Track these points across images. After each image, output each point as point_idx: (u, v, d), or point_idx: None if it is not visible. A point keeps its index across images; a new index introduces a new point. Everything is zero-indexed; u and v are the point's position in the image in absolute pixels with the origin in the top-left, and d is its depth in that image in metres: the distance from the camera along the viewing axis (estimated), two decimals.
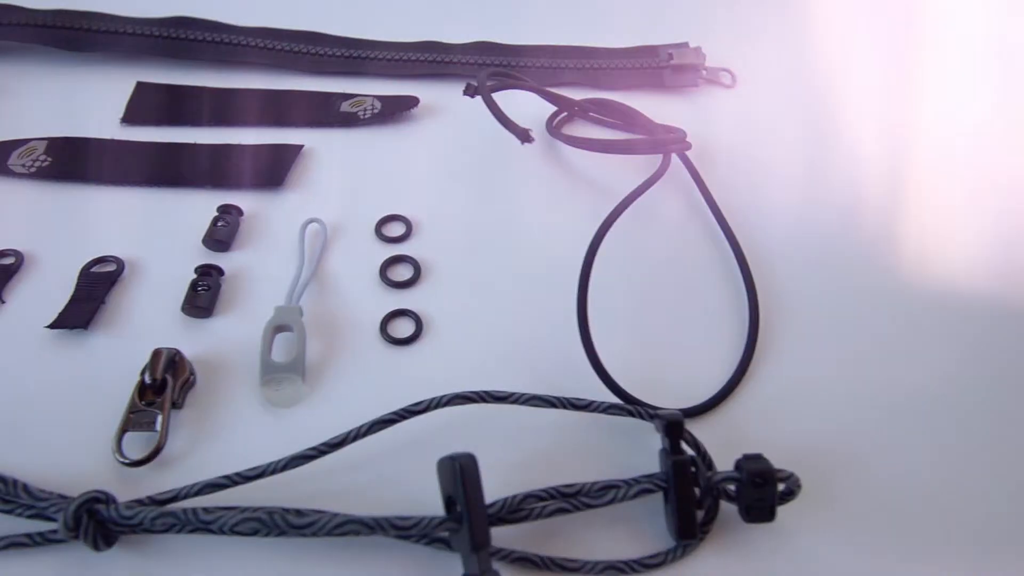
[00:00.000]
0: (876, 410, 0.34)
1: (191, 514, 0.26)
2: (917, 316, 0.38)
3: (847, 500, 0.31)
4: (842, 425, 0.33)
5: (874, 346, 0.36)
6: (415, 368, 0.35)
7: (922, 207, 0.44)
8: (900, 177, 0.46)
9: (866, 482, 0.31)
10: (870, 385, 0.34)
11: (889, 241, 0.41)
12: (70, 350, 0.34)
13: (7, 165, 0.42)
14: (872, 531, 0.30)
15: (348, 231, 0.41)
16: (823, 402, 0.34)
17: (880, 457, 0.32)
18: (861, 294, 0.39)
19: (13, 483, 0.27)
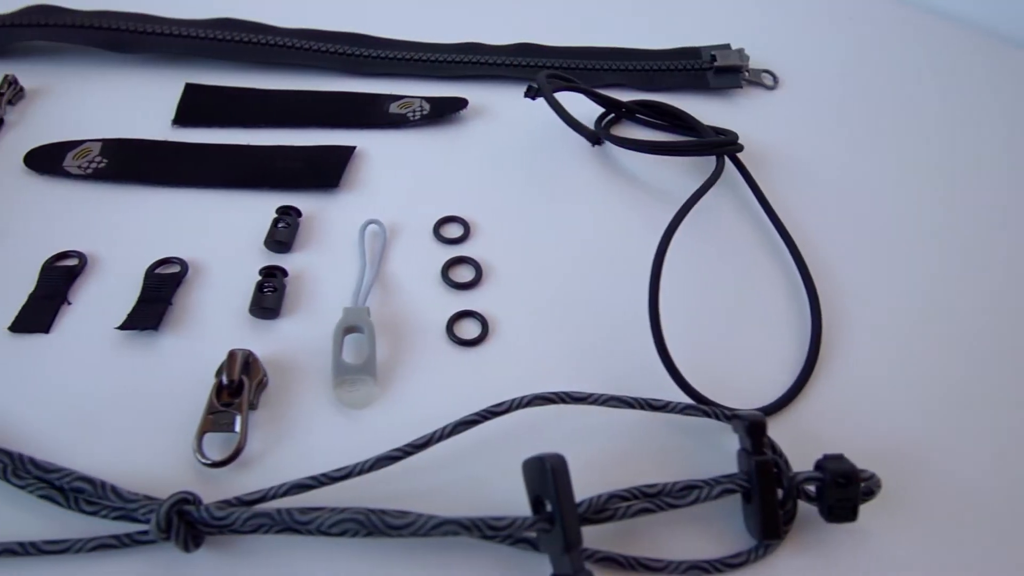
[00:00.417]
0: (946, 409, 0.34)
1: (286, 515, 0.26)
2: (987, 313, 0.38)
3: (921, 499, 0.31)
4: (911, 425, 0.33)
5: (943, 344, 0.36)
6: (482, 369, 0.35)
7: (981, 201, 0.44)
8: (954, 173, 0.46)
9: (939, 481, 0.31)
10: (939, 384, 0.35)
11: (952, 237, 0.42)
12: (140, 351, 0.34)
13: (63, 166, 0.42)
14: (947, 529, 0.30)
15: (405, 232, 0.41)
16: (890, 402, 0.34)
17: (952, 456, 0.32)
18: (924, 291, 0.39)
19: (101, 485, 0.27)
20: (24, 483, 0.28)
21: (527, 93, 0.42)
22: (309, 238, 0.40)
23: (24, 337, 0.35)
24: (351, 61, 0.52)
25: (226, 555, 0.28)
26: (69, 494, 0.28)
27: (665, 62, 0.53)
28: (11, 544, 0.27)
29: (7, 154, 0.44)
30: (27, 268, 0.37)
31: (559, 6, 0.59)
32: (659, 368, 0.33)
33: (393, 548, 0.28)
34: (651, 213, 0.42)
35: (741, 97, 0.52)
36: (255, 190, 0.42)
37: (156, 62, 0.51)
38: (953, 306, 0.38)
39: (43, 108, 0.47)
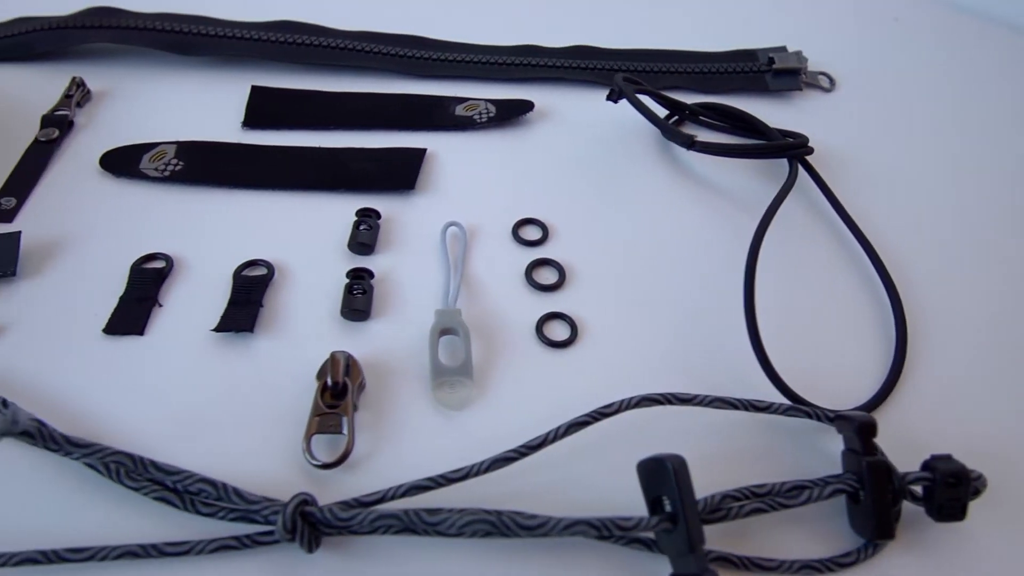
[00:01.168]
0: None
1: (413, 515, 0.26)
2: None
3: (1020, 497, 0.31)
4: (1001, 424, 0.34)
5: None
6: (573, 370, 0.35)
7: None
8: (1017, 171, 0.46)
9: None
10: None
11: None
12: (234, 352, 0.34)
13: (139, 168, 0.42)
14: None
15: (483, 234, 0.41)
16: (980, 401, 0.34)
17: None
18: (1006, 290, 0.39)
19: (223, 487, 0.27)
20: (138, 485, 0.28)
21: (609, 96, 0.42)
22: (387, 240, 0.40)
23: (119, 339, 0.35)
24: (410, 63, 0.52)
25: (344, 556, 0.28)
26: (185, 496, 0.28)
27: (722, 64, 0.53)
28: (132, 547, 0.27)
29: (81, 156, 0.44)
30: (113, 269, 0.37)
31: (606, 8, 0.60)
32: (746, 369, 0.34)
33: (506, 548, 0.29)
34: (723, 213, 0.43)
35: (799, 99, 0.52)
36: (330, 192, 0.42)
37: (216, 64, 0.51)
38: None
39: (110, 110, 0.47)
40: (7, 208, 0.40)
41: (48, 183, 0.42)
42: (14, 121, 0.45)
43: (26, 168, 0.42)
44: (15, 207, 0.40)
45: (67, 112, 0.45)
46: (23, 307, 0.36)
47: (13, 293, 0.36)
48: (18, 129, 0.45)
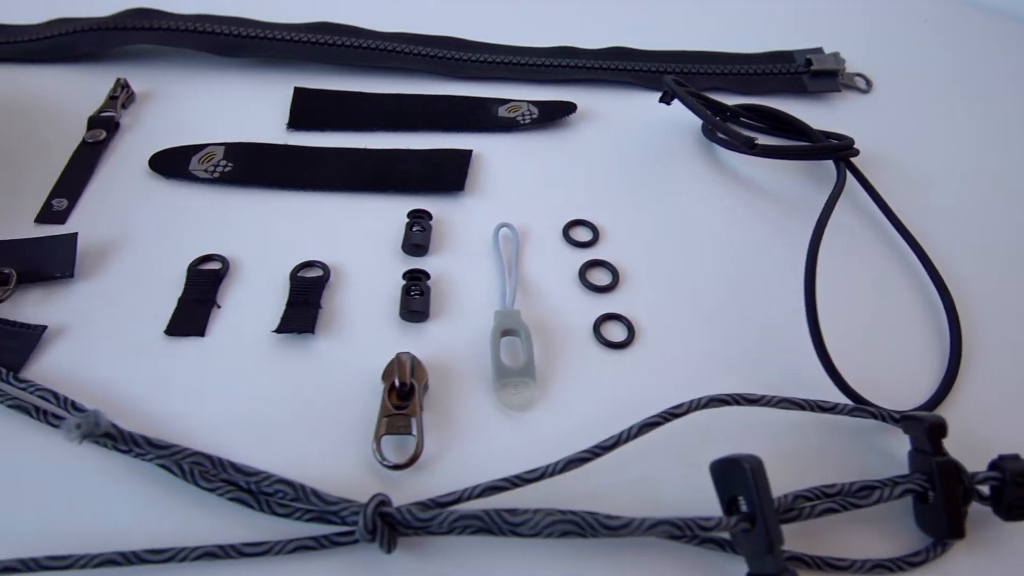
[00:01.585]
0: None
1: (496, 516, 0.26)
2: None
3: None
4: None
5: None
6: (632, 371, 0.35)
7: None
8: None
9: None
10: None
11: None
12: (294, 354, 0.35)
13: (189, 170, 0.42)
14: None
15: (534, 235, 0.41)
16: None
17: None
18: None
19: (301, 487, 0.27)
20: (212, 486, 0.28)
21: (663, 98, 0.42)
22: (437, 241, 0.40)
23: (180, 340, 0.35)
24: (448, 64, 0.52)
25: (419, 556, 0.28)
26: (260, 497, 0.28)
27: (758, 65, 0.53)
28: (211, 547, 0.27)
29: (128, 157, 0.44)
30: (168, 271, 0.38)
31: (638, 10, 0.60)
32: (801, 369, 0.34)
33: (576, 548, 0.29)
34: (766, 214, 0.43)
35: (837, 100, 0.52)
36: (378, 193, 0.42)
37: (255, 65, 0.51)
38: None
39: (154, 111, 0.47)
40: (59, 210, 0.40)
41: (97, 184, 0.42)
42: (59, 122, 0.45)
43: (75, 170, 0.42)
44: (67, 208, 0.40)
45: (113, 113, 0.45)
46: (82, 308, 0.36)
47: (72, 294, 0.36)
48: (64, 130, 0.45)
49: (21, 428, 0.31)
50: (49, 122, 0.46)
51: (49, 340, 0.34)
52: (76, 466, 0.30)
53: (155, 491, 0.29)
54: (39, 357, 0.34)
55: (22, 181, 0.42)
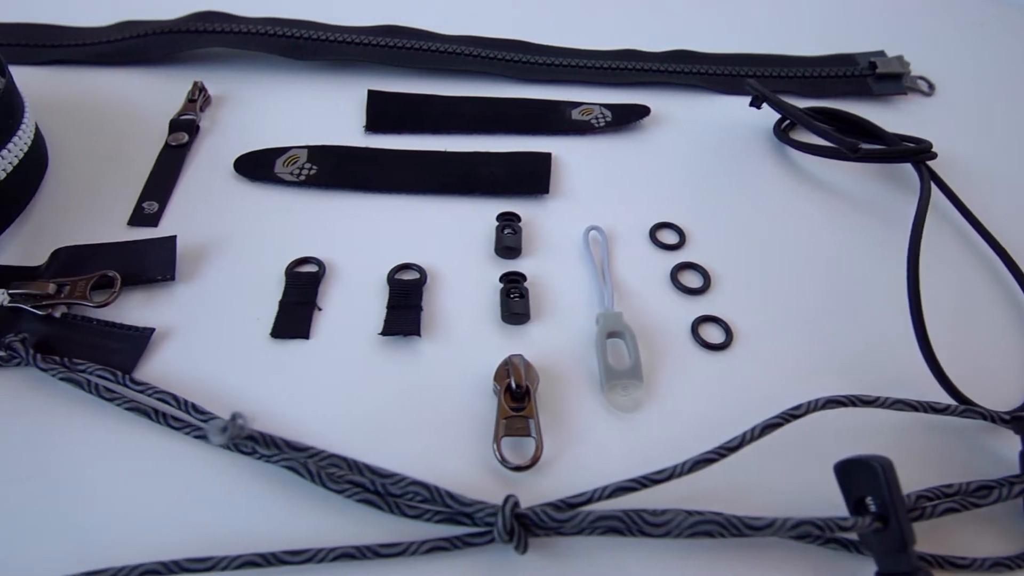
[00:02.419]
0: None
1: (636, 516, 0.26)
2: None
3: None
4: None
5: None
6: (731, 373, 0.35)
7: None
8: None
9: None
10: None
11: None
12: (399, 356, 0.35)
13: (275, 173, 0.42)
14: None
15: (619, 237, 0.41)
16: None
17: None
18: None
19: (436, 489, 0.28)
20: (340, 488, 0.29)
21: (753, 102, 0.43)
22: (525, 243, 0.41)
23: (285, 343, 0.35)
24: (515, 67, 0.52)
25: (550, 556, 0.28)
26: (388, 498, 0.29)
27: (822, 68, 0.54)
28: (348, 548, 0.27)
29: (211, 160, 0.44)
30: (264, 273, 0.38)
31: (701, 13, 0.60)
32: (899, 370, 0.35)
33: (704, 548, 0.29)
34: (848, 216, 0.43)
35: (901, 103, 0.53)
36: (462, 196, 0.43)
37: (324, 68, 0.51)
38: None
39: (230, 114, 0.47)
40: (150, 212, 0.40)
41: (184, 187, 0.42)
42: (138, 125, 0.46)
43: (162, 173, 0.42)
44: (158, 211, 0.40)
45: (193, 116, 0.45)
46: (184, 311, 0.36)
47: (174, 297, 0.37)
48: (144, 133, 0.45)
49: (142, 431, 0.31)
50: (128, 124, 0.46)
51: (155, 342, 0.35)
52: (197, 468, 0.30)
53: (280, 493, 0.30)
54: (146, 359, 0.34)
55: (110, 184, 0.42)
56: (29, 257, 0.38)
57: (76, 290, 0.35)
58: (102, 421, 0.32)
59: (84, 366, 0.32)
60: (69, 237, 0.38)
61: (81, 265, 0.36)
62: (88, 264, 0.36)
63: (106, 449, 0.31)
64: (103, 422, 0.32)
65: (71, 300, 0.34)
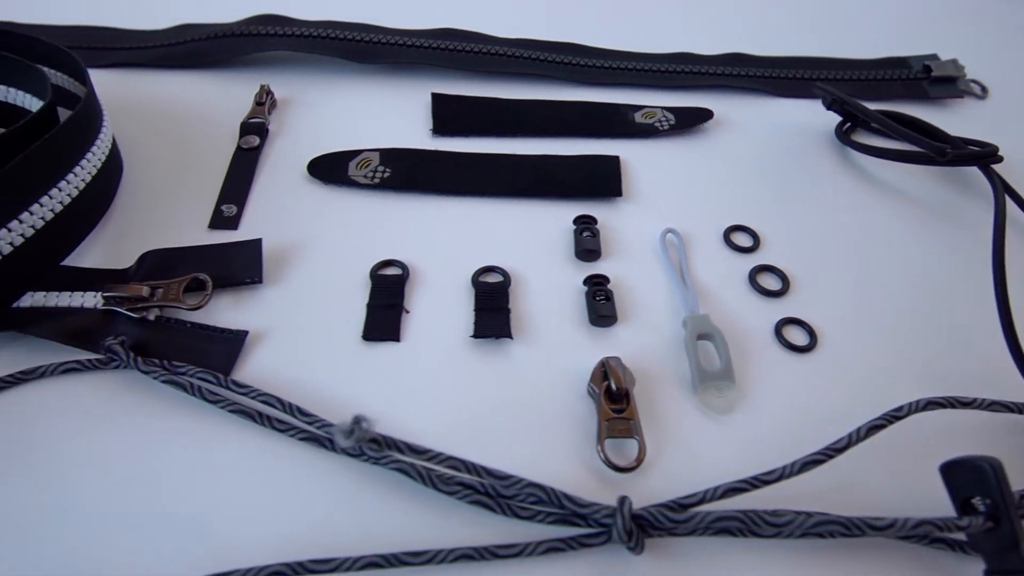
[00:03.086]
0: None
1: (756, 517, 0.27)
2: None
3: None
4: None
5: None
6: (817, 374, 0.36)
7: None
8: None
9: None
10: None
11: None
12: (491, 358, 0.35)
13: (348, 176, 0.43)
14: None
15: (693, 240, 0.42)
16: None
17: None
18: None
19: (552, 491, 0.28)
20: (451, 490, 0.29)
21: (831, 106, 0.43)
22: (605, 246, 0.41)
23: (376, 345, 0.35)
24: (573, 70, 0.52)
25: (663, 557, 0.29)
26: (500, 500, 0.29)
27: (876, 71, 0.54)
28: (467, 549, 0.27)
29: (282, 162, 0.44)
30: (347, 275, 0.38)
31: (749, 16, 0.61)
32: (984, 372, 0.35)
33: (814, 548, 0.29)
34: (917, 218, 0.44)
35: (956, 107, 0.53)
36: (535, 199, 0.43)
37: (385, 71, 0.52)
38: None
39: (297, 117, 0.48)
40: (229, 216, 0.40)
41: (258, 190, 0.42)
42: (207, 127, 0.46)
43: (236, 176, 0.43)
44: (236, 214, 0.40)
45: (262, 119, 0.45)
46: (272, 313, 0.36)
47: (261, 300, 0.37)
48: (213, 135, 0.45)
49: (245, 433, 0.32)
50: (197, 127, 0.46)
51: (246, 345, 0.35)
52: (304, 470, 0.31)
53: (387, 495, 0.30)
54: (239, 362, 0.34)
55: (185, 187, 0.42)
56: (111, 261, 0.38)
57: (169, 293, 0.35)
58: (204, 423, 0.32)
59: (184, 368, 0.32)
60: (151, 240, 0.39)
61: (170, 268, 0.36)
62: (176, 267, 0.36)
63: (213, 451, 0.31)
64: (205, 424, 0.32)
65: (164, 303, 0.35)
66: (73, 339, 0.33)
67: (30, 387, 0.33)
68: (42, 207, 0.34)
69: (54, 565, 0.27)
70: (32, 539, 0.28)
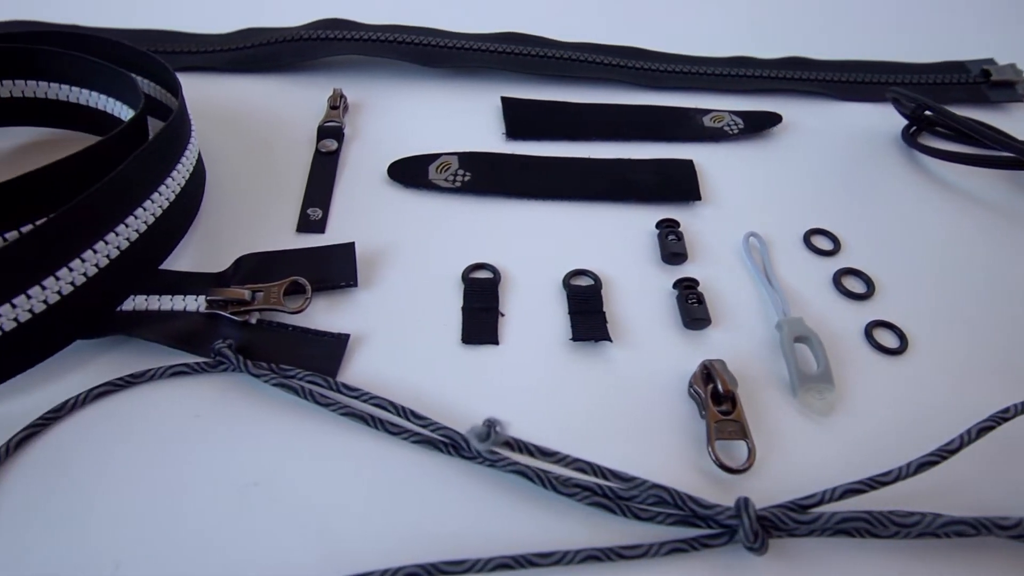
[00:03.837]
0: None
1: (883, 517, 0.27)
2: None
3: None
4: None
5: None
6: (912, 376, 0.36)
7: None
8: None
9: None
10: None
11: None
12: (590, 361, 0.35)
13: (429, 179, 0.43)
14: None
15: (773, 243, 0.42)
16: None
17: None
18: None
19: (676, 493, 0.28)
20: (570, 492, 0.29)
21: (915, 111, 0.43)
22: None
23: (476, 348, 0.36)
24: (637, 74, 0.53)
25: (780, 558, 0.29)
26: (620, 502, 0.29)
27: (934, 75, 0.55)
28: (593, 550, 0.28)
29: (360, 166, 0.44)
30: (438, 279, 0.38)
31: (805, 20, 0.61)
32: None
33: (925, 548, 0.30)
34: (991, 222, 0.44)
35: (1013, 110, 0.54)
36: (614, 203, 0.43)
37: (450, 75, 0.52)
38: None
39: (369, 121, 0.48)
40: (316, 219, 0.40)
41: (340, 193, 0.43)
42: (283, 131, 0.46)
43: (318, 179, 0.43)
44: (322, 218, 0.41)
45: (339, 123, 0.46)
46: (369, 317, 0.36)
47: (356, 303, 0.37)
48: (289, 139, 0.46)
49: (356, 435, 0.32)
50: (272, 131, 0.46)
51: (348, 348, 0.35)
52: (420, 473, 0.31)
53: (503, 497, 0.30)
54: (342, 365, 0.34)
55: (267, 190, 0.42)
56: (202, 264, 0.38)
57: (270, 296, 0.35)
58: (314, 426, 0.32)
59: (293, 372, 0.32)
60: (240, 243, 0.39)
61: (266, 272, 0.37)
62: (272, 271, 0.37)
63: (326, 454, 0.31)
64: (315, 427, 0.32)
65: (265, 307, 0.35)
66: (179, 342, 0.33)
67: (141, 389, 0.33)
68: (144, 211, 0.35)
69: (177, 568, 0.27)
70: (152, 542, 0.28)
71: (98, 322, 0.34)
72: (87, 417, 0.32)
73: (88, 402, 0.32)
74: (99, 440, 0.31)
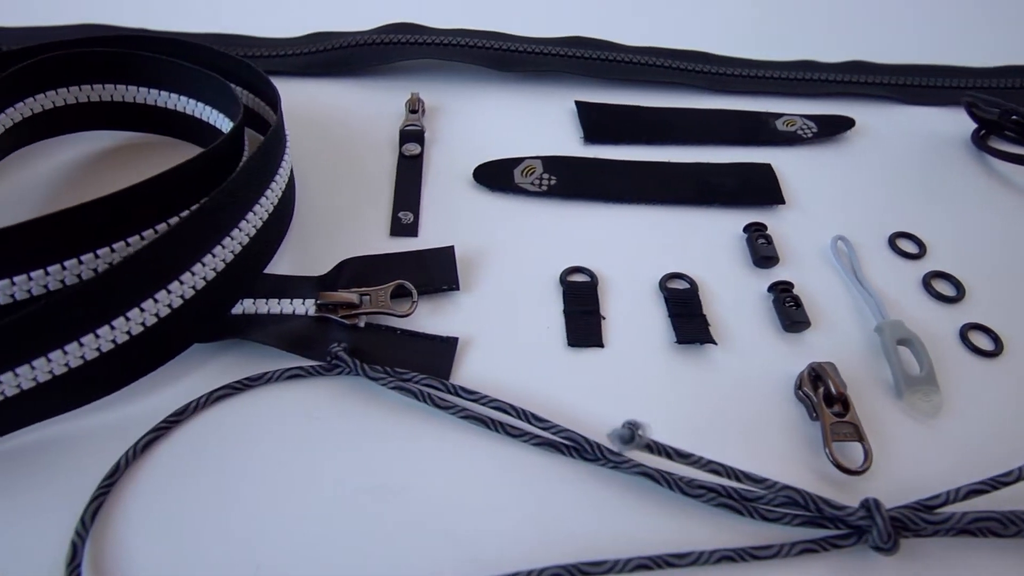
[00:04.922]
0: None
1: (1015, 517, 0.27)
2: None
3: None
4: None
5: None
6: (1009, 378, 0.36)
7: None
8: None
9: None
10: None
11: None
12: (694, 364, 0.36)
13: (515, 183, 0.43)
14: None
15: (858, 246, 0.42)
16: None
17: None
18: None
19: (807, 494, 0.29)
20: (697, 493, 0.30)
21: (1000, 117, 0.44)
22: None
23: (582, 351, 0.36)
24: (705, 78, 0.53)
25: (903, 558, 0.29)
26: (746, 503, 0.29)
27: (1000, 80, 0.55)
28: (727, 551, 0.28)
29: (444, 169, 0.45)
30: (536, 282, 0.39)
31: (870, 24, 0.62)
32: None
33: None
34: None
35: None
36: (698, 207, 0.44)
37: (521, 79, 0.52)
38: None
39: (448, 124, 0.48)
40: (408, 223, 0.41)
41: (427, 197, 0.43)
42: (364, 135, 0.46)
43: (405, 183, 0.43)
44: (414, 222, 0.41)
45: (420, 127, 0.46)
46: (472, 320, 0.37)
47: (458, 306, 0.37)
48: (370, 143, 0.46)
49: (474, 438, 0.32)
50: (353, 135, 0.46)
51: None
52: (544, 475, 0.31)
53: (629, 499, 0.31)
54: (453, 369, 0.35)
55: (356, 194, 0.43)
56: (300, 268, 0.38)
57: (377, 300, 0.35)
58: (433, 429, 0.32)
59: (409, 375, 0.33)
60: (336, 246, 0.39)
61: (368, 275, 0.37)
62: (375, 274, 0.37)
63: (448, 457, 0.31)
64: (435, 430, 0.32)
65: (373, 310, 0.35)
66: (292, 345, 0.34)
67: (258, 392, 0.33)
68: (254, 215, 0.35)
69: (314, 570, 0.28)
70: (287, 544, 0.28)
71: (213, 326, 0.34)
72: (208, 419, 0.32)
73: (208, 405, 0.32)
74: (222, 442, 0.31)
